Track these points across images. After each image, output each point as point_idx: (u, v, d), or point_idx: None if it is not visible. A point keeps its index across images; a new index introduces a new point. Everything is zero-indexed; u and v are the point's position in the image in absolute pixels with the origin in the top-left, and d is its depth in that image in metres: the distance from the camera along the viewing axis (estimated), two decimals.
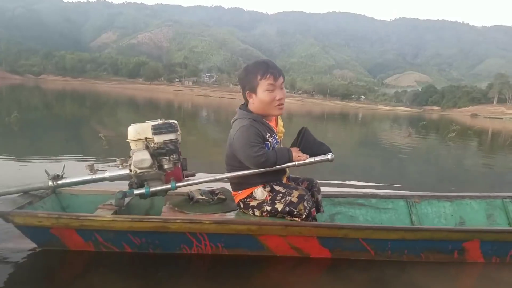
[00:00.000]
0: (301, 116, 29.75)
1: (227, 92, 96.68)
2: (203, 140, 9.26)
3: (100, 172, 2.22)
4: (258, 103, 2.17)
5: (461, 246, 2.25)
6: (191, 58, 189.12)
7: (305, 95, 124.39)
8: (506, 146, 12.91)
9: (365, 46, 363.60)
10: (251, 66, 2.20)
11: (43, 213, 2.07)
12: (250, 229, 2.12)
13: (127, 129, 2.17)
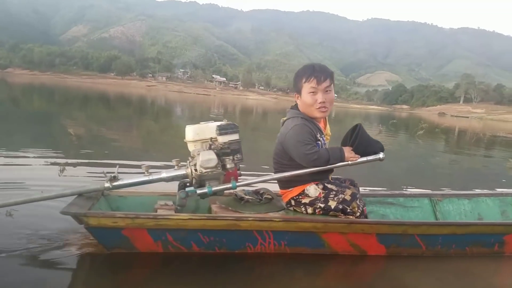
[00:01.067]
0: (276, 113, 29.84)
1: (202, 88, 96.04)
2: (179, 136, 9.08)
3: (155, 173, 2.23)
4: (302, 105, 2.31)
5: (502, 239, 2.42)
6: (165, 53, 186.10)
7: (280, 93, 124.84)
8: (472, 144, 13.40)
9: (338, 46, 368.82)
10: (300, 70, 2.34)
11: (120, 214, 2.06)
12: (316, 227, 2.18)
13: (186, 130, 2.26)
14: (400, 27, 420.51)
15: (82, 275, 2.01)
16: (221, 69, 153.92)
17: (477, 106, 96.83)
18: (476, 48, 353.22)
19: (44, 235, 2.26)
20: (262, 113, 28.30)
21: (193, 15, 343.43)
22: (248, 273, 2.11)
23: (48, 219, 2.46)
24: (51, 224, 2.40)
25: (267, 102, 71.05)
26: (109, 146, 6.19)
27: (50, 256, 2.06)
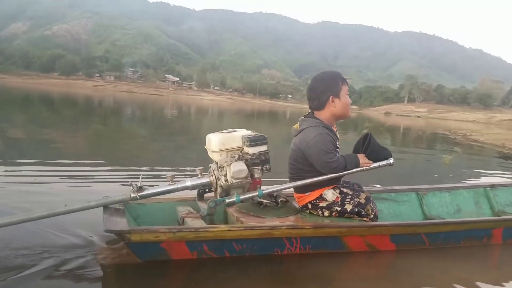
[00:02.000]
0: (232, 114, 29.52)
1: (154, 88, 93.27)
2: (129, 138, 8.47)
3: (179, 182, 2.30)
4: (341, 107, 2.47)
5: (491, 232, 2.79)
6: (113, 52, 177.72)
7: (235, 93, 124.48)
8: (414, 141, 13.97)
9: (291, 47, 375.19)
10: (330, 75, 2.51)
11: (163, 229, 2.09)
12: (340, 232, 2.38)
13: (208, 139, 2.36)
14: (349, 30, 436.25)
15: (120, 285, 2.03)
16: (174, 68, 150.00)
17: (420, 105, 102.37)
18: (419, 51, 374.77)
19: (68, 247, 2.23)
20: (219, 114, 27.84)
21: (143, 13, 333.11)
22: (276, 272, 2.26)
23: (65, 232, 2.40)
24: (70, 237, 2.36)
25: (222, 102, 70.53)
26: (49, 148, 5.71)
27: (83, 268, 2.04)
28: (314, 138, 2.35)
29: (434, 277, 2.29)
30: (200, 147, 2.30)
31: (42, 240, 2.27)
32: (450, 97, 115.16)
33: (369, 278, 2.27)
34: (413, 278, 2.27)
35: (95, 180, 4.03)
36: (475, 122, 47.23)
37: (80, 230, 2.44)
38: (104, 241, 2.34)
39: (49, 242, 2.25)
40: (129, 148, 6.98)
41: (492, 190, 3.47)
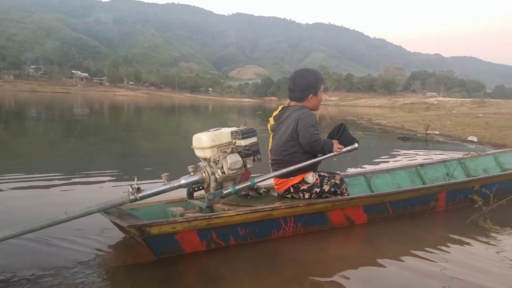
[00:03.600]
0: (150, 109, 28.50)
1: (60, 86, 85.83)
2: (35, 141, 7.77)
3: (174, 181, 2.39)
4: (316, 102, 2.86)
5: (437, 196, 3.21)
6: (11, 48, 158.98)
7: (152, 88, 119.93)
8: (326, 127, 14.90)
9: (207, 39, 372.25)
10: (315, 74, 2.89)
11: (181, 219, 2.23)
12: (326, 206, 2.69)
13: (197, 138, 2.49)
14: (263, 22, 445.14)
15: (142, 284, 2.02)
16: (81, 63, 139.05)
17: (333, 94, 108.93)
18: (329, 42, 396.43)
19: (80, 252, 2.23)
20: (135, 110, 26.66)
21: (42, 5, 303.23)
22: (278, 253, 2.42)
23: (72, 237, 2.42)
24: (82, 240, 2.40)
25: (138, 98, 67.65)
26: None
27: (101, 273, 2.04)
28: (303, 114, 2.68)
29: (402, 243, 2.60)
30: (117, 149, 2.20)
31: (45, 249, 2.26)
32: (358, 85, 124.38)
33: (349, 253, 2.51)
34: (389, 245, 2.56)
35: None
36: (381, 107, 51.60)
37: (81, 235, 2.46)
38: (107, 245, 2.38)
39: (52, 252, 2.24)
40: (34, 152, 6.41)
41: (422, 168, 4.02)
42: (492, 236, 2.68)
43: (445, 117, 13.93)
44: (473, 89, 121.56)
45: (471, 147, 7.82)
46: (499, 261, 2.28)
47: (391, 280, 2.06)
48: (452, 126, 11.38)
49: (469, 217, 2.92)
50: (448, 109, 21.77)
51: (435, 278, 2.05)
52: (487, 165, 4.48)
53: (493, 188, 3.19)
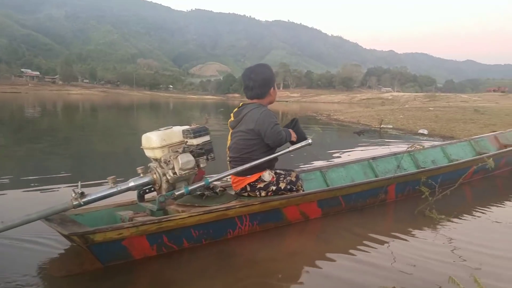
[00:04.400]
0: (107, 108, 27.55)
1: (9, 85, 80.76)
2: None
3: (122, 183, 2.28)
4: (274, 95, 2.87)
5: (386, 189, 3.29)
6: None
7: (109, 86, 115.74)
8: None
9: (166, 36, 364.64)
10: (270, 70, 2.88)
11: (127, 224, 2.11)
12: (281, 203, 2.70)
13: (146, 138, 2.39)
14: (223, 18, 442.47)
15: None
16: (32, 61, 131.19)
17: (294, 91, 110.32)
18: (289, 39, 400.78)
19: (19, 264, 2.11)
20: (91, 109, 25.66)
21: None
22: (232, 254, 2.37)
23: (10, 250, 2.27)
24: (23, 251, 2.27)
25: (94, 96, 65.16)
26: None
27: (44, 285, 1.93)
28: (262, 114, 2.66)
29: (354, 235, 2.69)
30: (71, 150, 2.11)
31: None
32: (318, 81, 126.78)
33: (304, 248, 2.52)
34: (341, 238, 2.64)
35: None
36: (340, 103, 52.89)
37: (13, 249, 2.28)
38: (51, 254, 2.24)
39: None
40: None
41: (374, 161, 4.16)
42: (438, 225, 2.81)
43: (398, 112, 14.52)
44: (425, 84, 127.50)
45: (422, 139, 8.19)
46: (446, 249, 2.39)
47: (341, 273, 2.10)
48: (405, 119, 11.87)
49: (417, 208, 3.05)
50: (402, 103, 22.73)
51: (384, 268, 2.11)
52: (436, 156, 4.71)
53: (438, 179, 3.35)
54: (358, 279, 2.01)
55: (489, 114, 12.78)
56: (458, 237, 2.59)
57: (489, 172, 4.21)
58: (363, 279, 2.01)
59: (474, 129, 8.63)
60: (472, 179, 4.12)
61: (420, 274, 2.04)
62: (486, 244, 2.50)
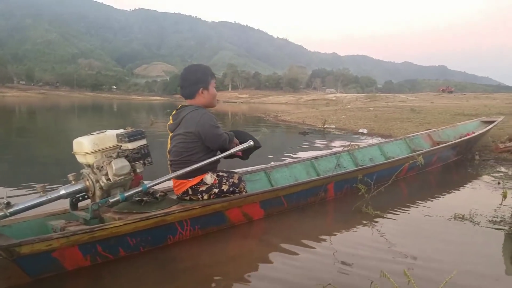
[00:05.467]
0: (46, 110, 25.91)
1: None
2: None
3: (52, 191, 2.18)
4: (209, 98, 2.78)
5: (326, 187, 3.40)
6: None
7: (47, 87, 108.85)
8: (235, 124, 15.22)
9: (109, 35, 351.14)
10: (202, 68, 2.82)
11: (57, 235, 1.99)
12: (223, 206, 2.67)
13: (77, 142, 2.29)
14: (168, 18, 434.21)
15: None
16: None
17: (243, 92, 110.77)
18: (236, 40, 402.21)
19: None
20: (29, 112, 23.98)
21: None
22: (173, 261, 2.29)
23: None
24: None
25: (31, 98, 60.93)
26: None
27: None
28: (202, 117, 2.61)
29: (296, 234, 2.73)
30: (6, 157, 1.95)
31: None
32: (266, 83, 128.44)
33: (246, 251, 2.52)
34: (283, 238, 2.62)
35: None
36: (288, 104, 53.87)
37: None
38: None
39: None
40: None
41: (316, 160, 4.27)
42: (374, 221, 2.94)
43: (340, 112, 15.11)
44: (366, 85, 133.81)
45: (362, 138, 8.59)
46: (381, 244, 2.50)
47: (281, 274, 2.12)
48: (347, 120, 12.37)
49: (354, 205, 3.17)
50: (344, 104, 23.71)
51: (322, 266, 2.17)
52: (373, 154, 4.96)
53: (373, 176, 3.51)
54: (297, 279, 2.05)
55: (425, 113, 13.66)
56: (392, 232, 2.72)
57: (422, 169, 4.47)
58: (302, 278, 2.05)
59: (410, 127, 9.15)
60: (407, 176, 4.38)
61: (356, 270, 2.12)
62: (418, 238, 2.65)
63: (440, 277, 1.72)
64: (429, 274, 2.05)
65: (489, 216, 2.96)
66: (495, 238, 2.59)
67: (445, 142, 5.40)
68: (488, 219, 2.91)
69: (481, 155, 5.61)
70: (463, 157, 5.53)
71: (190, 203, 2.64)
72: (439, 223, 2.91)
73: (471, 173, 4.66)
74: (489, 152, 5.79)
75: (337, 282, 1.88)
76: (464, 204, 3.27)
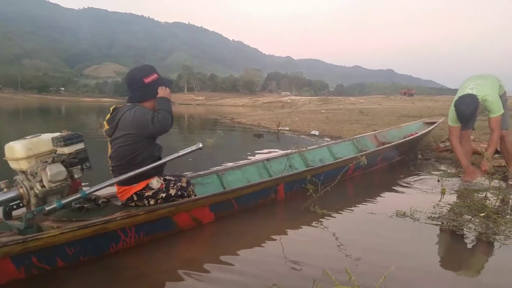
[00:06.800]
0: None
1: None
2: None
3: None
4: None
5: (277, 188, 3.44)
6: None
7: None
8: (190, 128, 15.10)
9: (57, 35, 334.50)
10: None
11: None
12: (170, 211, 2.57)
13: (9, 148, 2.17)
14: (119, 18, 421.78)
15: None
16: None
17: (199, 94, 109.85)
18: (191, 42, 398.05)
19: None
20: None
21: None
22: (119, 268, 2.20)
23: None
24: None
25: None
26: None
27: None
28: (134, 115, 2.51)
29: (246, 236, 2.75)
30: None
31: None
32: (222, 85, 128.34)
33: (195, 255, 2.46)
34: (233, 241, 2.63)
35: None
36: (245, 106, 54.10)
37: None
38: None
39: None
40: None
41: (268, 162, 4.32)
42: (321, 219, 3.01)
43: (294, 114, 15.39)
44: (319, 88, 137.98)
45: (313, 140, 8.80)
46: (327, 242, 2.57)
47: (231, 276, 2.12)
48: (300, 122, 12.62)
49: (303, 205, 3.24)
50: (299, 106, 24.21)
51: (269, 267, 2.19)
52: (323, 155, 5.10)
53: (321, 177, 3.61)
54: (245, 280, 2.06)
55: (372, 115, 14.26)
56: (338, 230, 2.80)
57: (368, 168, 4.67)
58: (248, 279, 2.06)
59: (359, 129, 9.50)
60: (354, 175, 4.54)
61: (302, 269, 2.16)
62: (361, 235, 2.75)
63: (381, 273, 1.76)
64: (370, 270, 2.13)
65: (428, 213, 3.12)
66: (433, 233, 2.74)
67: (390, 142, 5.66)
68: (428, 215, 3.06)
69: (423, 155, 5.93)
70: (407, 156, 5.82)
71: (135, 209, 2.54)
72: (382, 220, 3.03)
73: (413, 172, 4.91)
74: (430, 151, 6.13)
75: (283, 282, 1.90)
76: (406, 202, 3.44)
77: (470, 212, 3.09)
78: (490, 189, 3.47)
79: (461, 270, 2.23)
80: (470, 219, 2.96)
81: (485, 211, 3.02)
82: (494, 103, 3.89)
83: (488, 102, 3.90)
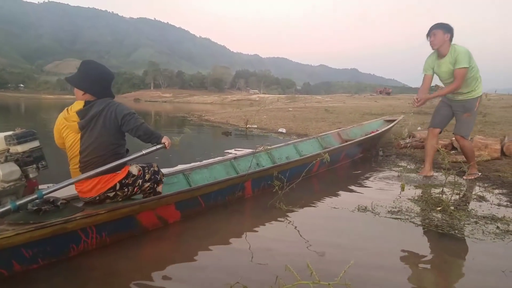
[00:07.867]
0: None
1: None
2: None
3: None
4: None
5: (244, 185, 3.48)
6: None
7: None
8: (167, 124, 14.89)
9: (16, 30, 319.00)
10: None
11: None
12: (133, 210, 2.51)
13: None
14: (82, 13, 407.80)
15: None
16: None
17: (166, 91, 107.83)
18: (157, 38, 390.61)
19: None
20: None
21: None
22: (87, 269, 2.16)
23: None
24: None
25: None
26: None
27: None
28: (118, 105, 2.54)
29: (213, 234, 2.76)
30: None
31: None
32: (190, 82, 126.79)
33: (161, 256, 2.43)
34: (200, 239, 2.63)
35: None
36: (213, 104, 53.69)
37: None
38: None
39: None
40: None
41: (235, 160, 4.36)
42: (286, 215, 3.08)
43: (262, 112, 15.48)
44: (287, 86, 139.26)
45: (280, 137, 8.92)
46: (291, 238, 2.64)
47: (196, 273, 2.14)
48: (268, 120, 12.72)
49: (269, 201, 3.30)
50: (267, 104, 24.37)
51: (233, 264, 2.24)
52: (289, 153, 5.20)
53: (286, 173, 3.68)
54: (210, 278, 2.08)
55: (337, 113, 14.59)
56: (302, 226, 2.88)
57: (332, 165, 4.81)
58: (214, 277, 2.09)
59: (324, 126, 9.71)
60: (318, 172, 4.66)
61: (266, 265, 2.21)
62: (324, 230, 2.84)
63: (341, 267, 1.80)
64: (331, 265, 2.22)
65: (388, 207, 3.26)
66: (392, 227, 2.86)
67: (352, 140, 5.85)
68: (388, 209, 3.19)
69: (385, 151, 6.16)
70: (369, 153, 6.03)
71: (103, 207, 2.45)
72: (344, 215, 3.14)
73: (375, 168, 5.10)
74: (391, 148, 6.39)
75: (246, 278, 1.95)
76: (367, 196, 3.59)
77: (428, 207, 3.25)
78: (447, 185, 3.67)
79: (420, 263, 2.33)
80: (427, 213, 3.11)
81: (442, 205, 3.18)
82: (461, 55, 3.95)
83: (456, 52, 3.97)
